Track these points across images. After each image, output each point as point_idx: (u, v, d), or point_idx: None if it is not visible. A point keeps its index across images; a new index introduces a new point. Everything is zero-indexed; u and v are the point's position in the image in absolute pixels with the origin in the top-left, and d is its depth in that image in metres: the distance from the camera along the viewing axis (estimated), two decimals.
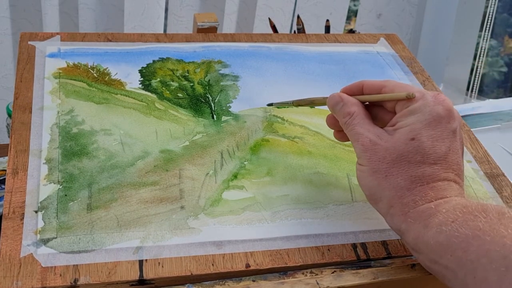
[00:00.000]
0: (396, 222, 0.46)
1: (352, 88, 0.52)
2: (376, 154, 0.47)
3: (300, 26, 0.92)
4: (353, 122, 0.49)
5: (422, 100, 0.47)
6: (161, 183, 0.53)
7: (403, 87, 0.49)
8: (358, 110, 0.50)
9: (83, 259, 0.46)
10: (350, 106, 0.50)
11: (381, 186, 0.46)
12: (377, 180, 0.47)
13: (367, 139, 0.48)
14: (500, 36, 1.86)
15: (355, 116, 0.50)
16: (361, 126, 0.49)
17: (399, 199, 0.46)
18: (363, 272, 0.48)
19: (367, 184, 0.48)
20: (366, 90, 0.52)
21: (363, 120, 0.49)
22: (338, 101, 0.51)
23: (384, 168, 0.46)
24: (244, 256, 0.48)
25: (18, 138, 0.54)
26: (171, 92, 0.63)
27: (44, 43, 0.67)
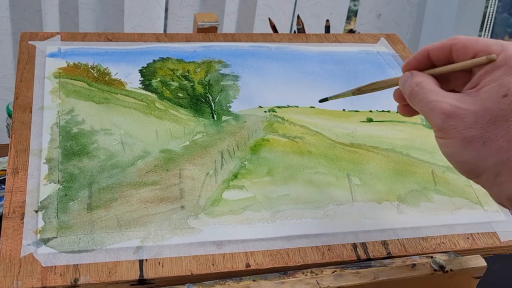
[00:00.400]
0: (507, 190, 0.40)
1: (418, 59, 0.46)
2: (464, 121, 0.40)
3: (300, 26, 0.92)
4: (422, 91, 0.43)
5: (504, 53, 0.41)
6: (161, 183, 0.53)
7: (475, 42, 0.43)
8: (424, 78, 0.44)
9: (83, 258, 0.46)
10: (416, 76, 0.44)
11: (482, 156, 0.40)
12: (475, 151, 0.40)
13: (447, 104, 0.41)
14: (500, 36, 1.86)
15: (423, 84, 0.44)
16: (434, 94, 0.42)
17: (507, 164, 0.40)
18: (363, 272, 0.48)
19: (463, 158, 0.41)
20: (433, 56, 0.45)
21: (434, 87, 0.43)
22: (408, 76, 0.45)
23: (479, 134, 0.40)
24: (244, 256, 0.48)
25: (18, 138, 0.54)
26: (171, 92, 0.63)
27: (44, 43, 0.67)
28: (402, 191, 0.56)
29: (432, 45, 0.45)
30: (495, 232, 0.54)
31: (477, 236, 0.53)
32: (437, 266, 0.49)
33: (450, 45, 0.44)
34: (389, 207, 0.54)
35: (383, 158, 0.59)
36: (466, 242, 0.53)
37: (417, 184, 0.57)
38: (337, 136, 0.61)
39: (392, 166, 0.58)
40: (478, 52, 0.42)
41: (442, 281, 0.50)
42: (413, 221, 0.53)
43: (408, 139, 0.62)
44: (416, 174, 0.58)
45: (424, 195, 0.56)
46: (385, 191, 0.56)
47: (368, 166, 0.58)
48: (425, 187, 0.57)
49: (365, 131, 0.62)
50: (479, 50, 0.42)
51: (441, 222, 0.54)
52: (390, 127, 0.63)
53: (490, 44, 0.42)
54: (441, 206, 0.55)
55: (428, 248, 0.52)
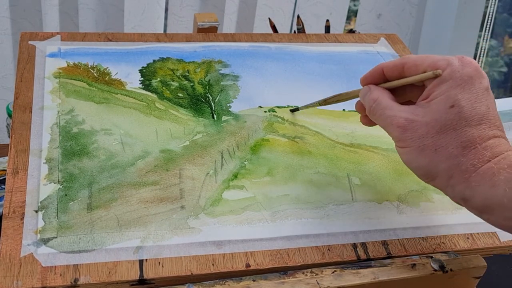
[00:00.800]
0: (459, 191, 0.45)
1: (374, 75, 0.51)
2: (417, 131, 0.46)
3: (300, 26, 0.92)
4: (380, 107, 0.48)
5: (449, 67, 0.46)
6: (161, 183, 0.53)
7: (424, 60, 0.48)
8: (380, 94, 0.49)
9: (83, 258, 0.46)
10: (373, 92, 0.49)
11: (434, 162, 0.45)
12: (427, 157, 0.45)
13: (402, 119, 0.46)
14: (500, 36, 1.86)
15: (379, 101, 0.49)
16: (389, 109, 0.48)
17: (457, 168, 0.45)
18: (363, 272, 0.48)
19: (418, 164, 0.46)
20: (387, 73, 0.50)
21: (389, 102, 0.48)
22: (367, 91, 0.50)
23: (430, 143, 0.45)
24: (244, 256, 0.48)
25: (18, 137, 0.54)
26: (171, 91, 0.63)
27: (44, 42, 0.67)
28: (402, 191, 0.56)
29: (386, 63, 0.50)
30: (495, 232, 0.54)
31: (477, 236, 0.53)
32: (437, 266, 0.49)
33: (402, 64, 0.49)
34: (389, 207, 0.54)
35: (383, 158, 0.59)
36: (466, 242, 0.53)
37: (417, 184, 0.57)
38: (337, 136, 0.61)
39: (392, 166, 0.58)
40: (426, 68, 0.47)
41: (442, 281, 0.50)
42: (413, 221, 0.53)
43: None
44: None
45: (424, 195, 0.56)
46: (385, 191, 0.56)
47: (368, 166, 0.58)
48: (425, 187, 0.57)
49: (365, 131, 0.62)
50: (428, 66, 0.47)
51: (441, 222, 0.54)
52: None
53: (437, 60, 0.47)
54: (441, 206, 0.55)
55: (428, 248, 0.52)
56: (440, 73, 0.46)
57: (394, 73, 0.50)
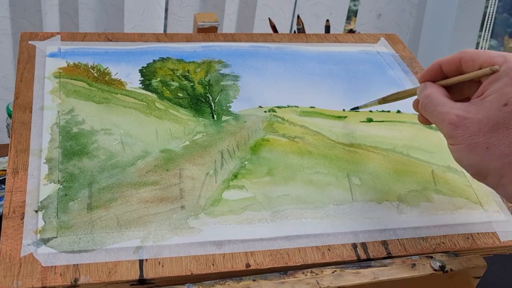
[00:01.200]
0: (511, 190, 0.44)
1: (431, 71, 0.51)
2: (469, 129, 0.45)
3: (300, 26, 0.92)
4: (432, 103, 0.48)
5: (505, 64, 0.45)
6: (162, 183, 0.53)
7: (481, 55, 0.47)
8: (434, 90, 0.49)
9: (83, 258, 0.46)
10: (428, 88, 0.49)
11: (485, 160, 0.45)
12: (479, 155, 0.45)
13: (453, 115, 0.46)
14: (500, 36, 1.86)
15: (432, 97, 0.48)
16: (442, 105, 0.47)
17: (508, 167, 0.44)
18: (363, 272, 0.48)
19: (469, 162, 0.46)
20: (445, 68, 0.50)
21: (442, 98, 0.48)
22: (423, 87, 0.50)
23: (482, 141, 0.45)
24: (244, 256, 0.48)
25: (18, 137, 0.54)
26: (172, 91, 0.63)
27: (45, 42, 0.67)
28: (402, 191, 0.56)
29: (443, 58, 0.50)
30: (495, 232, 0.54)
31: (477, 236, 0.53)
32: (437, 266, 0.49)
33: (459, 58, 0.48)
34: (389, 207, 0.54)
35: (383, 158, 0.59)
36: (466, 242, 0.53)
37: (417, 184, 0.57)
38: (337, 136, 0.61)
39: (392, 166, 0.58)
40: (483, 63, 0.47)
41: (442, 281, 0.50)
42: (413, 221, 0.53)
43: (408, 139, 0.62)
44: (416, 174, 0.58)
45: (424, 195, 0.56)
46: (385, 191, 0.56)
47: (368, 166, 0.58)
48: (425, 187, 0.57)
49: (365, 131, 0.62)
50: (484, 62, 0.47)
51: (441, 222, 0.54)
52: (390, 127, 0.63)
53: (494, 56, 0.46)
54: (441, 206, 0.55)
55: (428, 248, 0.52)
56: (497, 69, 0.45)
57: (452, 67, 0.49)
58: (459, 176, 0.59)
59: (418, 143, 0.62)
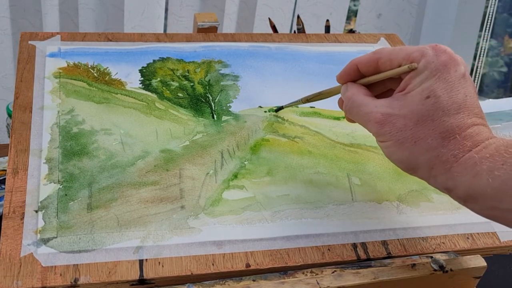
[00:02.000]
0: (441, 182, 0.45)
1: (348, 72, 0.51)
2: (395, 125, 0.46)
3: (300, 26, 0.92)
4: (355, 105, 0.48)
5: (424, 58, 0.46)
6: (161, 183, 0.53)
7: (398, 53, 0.47)
8: (355, 91, 0.49)
9: (83, 258, 0.46)
10: (348, 90, 0.50)
11: (414, 154, 0.45)
12: (407, 150, 0.45)
13: (379, 114, 0.46)
14: (500, 36, 1.86)
15: (354, 98, 0.49)
16: (365, 106, 0.48)
17: (437, 159, 0.45)
18: (363, 272, 0.48)
19: (398, 157, 0.46)
20: (362, 69, 0.50)
21: (364, 99, 0.48)
22: (345, 89, 0.51)
23: (409, 136, 0.45)
24: (244, 256, 0.48)
25: (18, 137, 0.54)
26: (172, 91, 0.63)
27: (45, 42, 0.67)
28: (402, 191, 0.56)
29: (359, 58, 0.50)
30: (495, 232, 0.54)
31: (477, 236, 0.53)
32: (437, 266, 0.49)
33: (376, 59, 0.49)
34: (389, 207, 0.54)
35: (383, 158, 0.59)
36: (466, 242, 0.53)
37: (417, 184, 0.57)
38: (337, 136, 0.61)
39: (392, 166, 0.58)
40: (401, 61, 0.47)
41: (442, 281, 0.50)
42: (413, 221, 0.53)
43: None
44: None
45: (424, 195, 0.56)
46: (385, 191, 0.56)
47: (368, 166, 0.58)
48: (425, 187, 0.57)
49: (365, 131, 0.62)
50: (402, 59, 0.47)
51: (441, 222, 0.54)
52: None
53: (411, 52, 0.46)
54: (441, 206, 0.55)
55: (428, 248, 0.52)
56: (415, 66, 0.46)
57: (369, 68, 0.50)
58: None
59: None
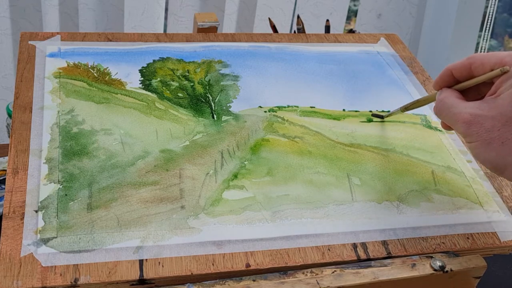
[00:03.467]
0: None
1: (443, 78, 0.52)
2: (483, 125, 0.46)
3: (300, 26, 0.92)
4: (445, 106, 0.50)
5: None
6: (162, 183, 0.53)
7: (490, 57, 0.49)
8: (448, 94, 0.50)
9: (83, 258, 0.46)
10: (442, 93, 0.51)
11: (501, 154, 0.46)
12: (494, 151, 0.46)
13: (467, 114, 0.47)
14: (500, 36, 1.86)
15: (445, 100, 0.50)
16: (455, 107, 0.49)
17: None
18: (363, 272, 0.48)
19: (486, 158, 0.47)
20: (456, 74, 0.51)
21: (454, 100, 0.49)
22: (439, 94, 0.52)
23: (497, 136, 0.46)
24: (244, 256, 0.48)
25: (18, 137, 0.54)
26: (172, 91, 0.63)
27: (45, 42, 0.67)
28: (402, 191, 0.56)
29: (453, 64, 0.51)
30: (495, 232, 0.54)
31: (477, 236, 0.53)
32: (437, 266, 0.49)
33: (469, 64, 0.50)
34: (389, 207, 0.54)
35: (383, 158, 0.59)
36: (466, 242, 0.53)
37: (417, 184, 0.57)
38: (337, 136, 0.61)
39: (392, 166, 0.58)
40: (493, 65, 0.48)
41: (442, 281, 0.50)
42: (413, 221, 0.53)
43: (408, 139, 0.62)
44: (416, 174, 0.58)
45: (424, 195, 0.56)
46: (385, 191, 0.56)
47: (368, 166, 0.58)
48: (425, 187, 0.57)
49: (365, 131, 0.62)
50: (495, 64, 0.48)
51: (441, 222, 0.54)
52: (390, 127, 0.63)
53: (503, 57, 0.48)
54: (441, 206, 0.55)
55: (428, 248, 0.52)
56: (507, 69, 0.47)
57: (463, 73, 0.51)
58: (459, 176, 0.59)
59: (418, 143, 0.62)
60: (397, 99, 0.67)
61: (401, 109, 0.61)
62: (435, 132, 0.63)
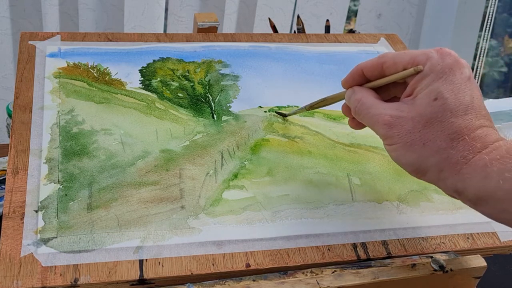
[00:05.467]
0: (450, 184, 0.45)
1: (354, 77, 0.51)
2: (404, 127, 0.45)
3: (300, 26, 0.92)
4: (364, 107, 0.48)
5: (429, 61, 0.46)
6: (162, 183, 0.53)
7: (402, 57, 0.48)
8: (364, 94, 0.49)
9: (83, 258, 0.46)
10: (357, 93, 0.50)
11: (423, 156, 0.45)
12: (416, 152, 0.45)
13: (387, 116, 0.46)
14: (500, 36, 1.86)
15: (363, 101, 0.49)
16: (374, 108, 0.48)
17: (446, 161, 0.44)
18: (363, 272, 0.48)
19: (407, 160, 0.46)
20: (367, 73, 0.50)
21: (373, 101, 0.48)
22: (351, 93, 0.50)
23: (418, 138, 0.45)
24: (244, 256, 0.48)
25: (18, 137, 0.54)
26: (172, 91, 0.63)
27: (45, 42, 0.67)
28: (402, 191, 0.56)
29: (364, 63, 0.50)
30: (495, 232, 0.54)
31: (477, 236, 0.53)
32: (437, 266, 0.49)
33: (381, 63, 0.49)
34: (389, 207, 0.54)
35: (383, 158, 0.59)
36: (466, 242, 0.53)
37: (417, 184, 0.57)
38: (337, 136, 0.61)
39: (392, 166, 0.58)
40: (406, 65, 0.47)
41: (442, 281, 0.50)
42: (413, 221, 0.53)
43: None
44: None
45: (424, 195, 0.56)
46: (385, 191, 0.56)
47: (368, 166, 0.58)
48: (425, 187, 0.57)
49: (365, 131, 0.62)
50: (408, 63, 0.47)
51: (441, 222, 0.54)
52: None
53: (416, 56, 0.47)
54: (441, 206, 0.55)
55: (428, 248, 0.52)
56: (421, 69, 0.46)
57: (374, 73, 0.50)
58: None
59: None
60: None
61: (306, 108, 0.59)
62: None
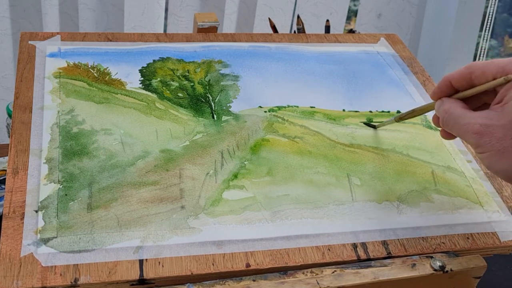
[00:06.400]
0: None
1: (442, 88, 0.51)
2: (495, 135, 0.45)
3: (300, 26, 0.92)
4: (452, 117, 0.49)
5: None
6: (162, 183, 0.53)
7: (490, 66, 0.48)
8: (452, 104, 0.49)
9: (84, 258, 0.46)
10: (445, 103, 0.50)
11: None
12: (509, 159, 0.45)
13: (477, 125, 0.46)
14: (500, 36, 1.86)
15: (451, 111, 0.49)
16: (463, 117, 0.48)
17: None
18: (363, 272, 0.48)
19: (500, 168, 0.46)
20: (456, 84, 0.50)
21: (461, 111, 0.48)
22: (440, 104, 0.51)
23: (510, 144, 0.45)
24: (244, 256, 0.48)
25: (19, 137, 0.54)
26: (172, 91, 0.63)
27: (45, 42, 0.67)
28: (402, 191, 0.56)
29: (452, 74, 0.50)
30: (495, 232, 0.54)
31: (477, 236, 0.53)
32: (437, 266, 0.49)
33: (469, 73, 0.49)
34: (389, 207, 0.54)
35: (383, 158, 0.59)
36: (466, 242, 0.53)
37: (417, 184, 0.57)
38: (337, 136, 0.61)
39: (392, 166, 0.58)
40: (495, 74, 0.47)
41: (442, 281, 0.50)
42: (413, 221, 0.53)
43: (408, 139, 0.62)
44: (416, 174, 0.58)
45: (424, 195, 0.56)
46: (385, 191, 0.56)
47: (368, 166, 0.58)
48: (425, 187, 0.57)
49: (365, 131, 0.62)
50: (497, 72, 0.47)
51: (441, 222, 0.54)
52: (390, 127, 0.63)
53: (505, 64, 0.47)
54: (441, 206, 0.55)
55: (428, 248, 0.52)
56: (511, 78, 0.46)
57: (463, 83, 0.50)
58: (459, 176, 0.59)
59: (418, 143, 0.62)
60: (397, 99, 0.67)
61: (395, 119, 0.60)
62: (435, 132, 0.63)
